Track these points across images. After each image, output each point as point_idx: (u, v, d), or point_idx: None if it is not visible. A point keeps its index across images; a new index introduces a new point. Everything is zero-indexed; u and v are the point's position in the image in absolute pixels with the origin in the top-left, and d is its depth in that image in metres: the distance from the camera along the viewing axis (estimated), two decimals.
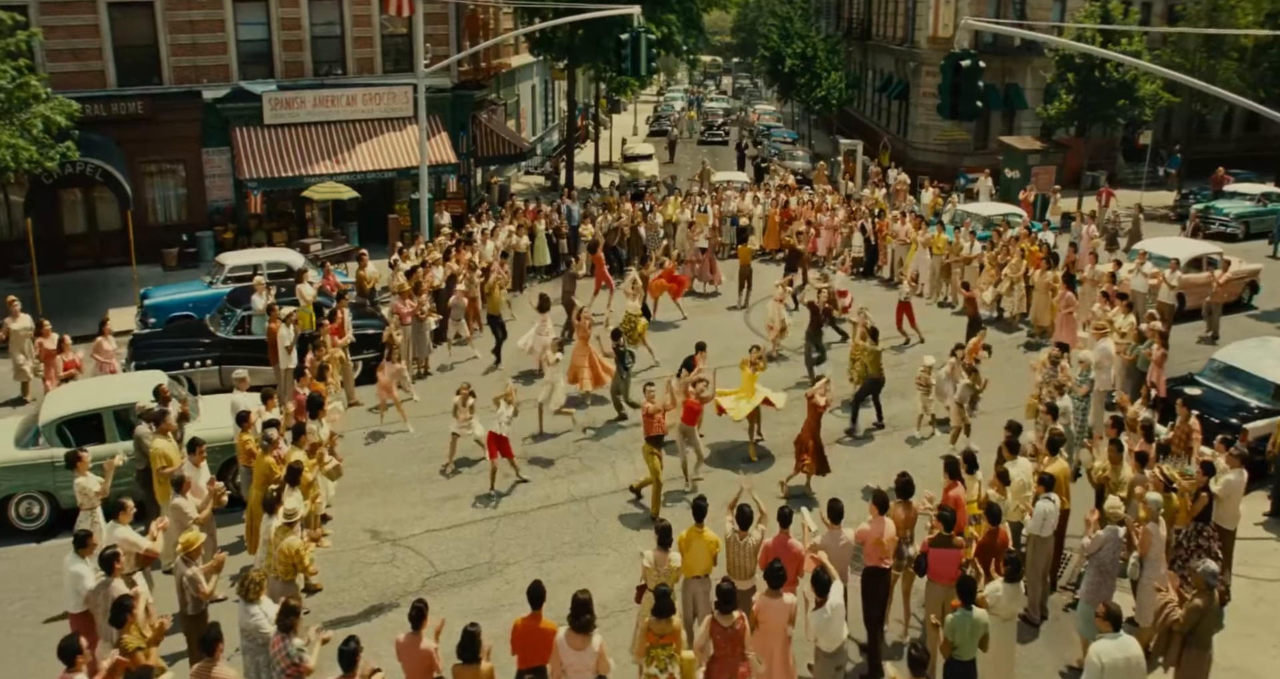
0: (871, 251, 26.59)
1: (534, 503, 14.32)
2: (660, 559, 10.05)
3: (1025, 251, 22.91)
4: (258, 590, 9.23)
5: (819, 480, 14.57)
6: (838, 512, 10.40)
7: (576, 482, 14.94)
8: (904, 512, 10.97)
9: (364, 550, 13.03)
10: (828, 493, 12.68)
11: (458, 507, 14.19)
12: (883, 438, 16.57)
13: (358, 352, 18.55)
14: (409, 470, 15.27)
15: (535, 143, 44.39)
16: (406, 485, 14.81)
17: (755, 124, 53.96)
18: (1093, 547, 10.64)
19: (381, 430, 16.61)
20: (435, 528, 13.58)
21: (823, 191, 30.40)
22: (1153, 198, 38.37)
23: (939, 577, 10.30)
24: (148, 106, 26.59)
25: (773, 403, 15.59)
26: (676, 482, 14.64)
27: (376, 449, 16.05)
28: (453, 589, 12.18)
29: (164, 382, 13.72)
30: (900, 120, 45.45)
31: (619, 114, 62.57)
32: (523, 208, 27.20)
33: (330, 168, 27.53)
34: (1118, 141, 43.64)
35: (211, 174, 28.13)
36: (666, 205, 28.10)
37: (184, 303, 20.52)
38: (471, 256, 21.93)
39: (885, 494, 10.78)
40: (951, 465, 11.52)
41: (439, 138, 29.25)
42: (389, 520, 13.77)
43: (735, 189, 29.62)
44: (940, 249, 24.61)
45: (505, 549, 13.08)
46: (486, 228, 24.58)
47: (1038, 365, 16.16)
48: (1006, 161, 35.96)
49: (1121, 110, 35.83)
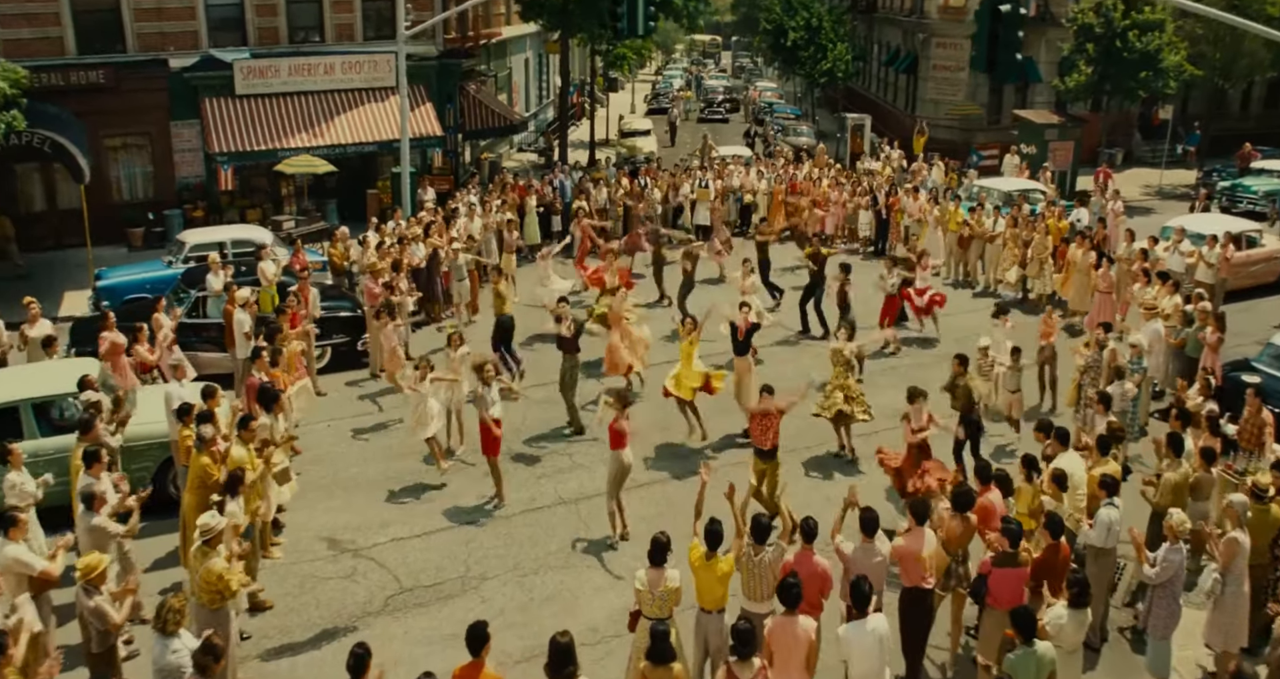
0: (882, 228, 24.89)
1: (517, 506, 12.68)
2: (655, 579, 8.42)
3: (1050, 228, 21.24)
4: (177, 621, 7.62)
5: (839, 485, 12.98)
6: (872, 522, 8.77)
7: (565, 481, 13.29)
8: (960, 525, 9.34)
9: (319, 563, 11.39)
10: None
11: (430, 511, 12.56)
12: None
13: (327, 336, 16.92)
14: (376, 469, 13.63)
15: (529, 119, 42.62)
16: (373, 486, 13.17)
17: (757, 101, 52.09)
18: (1163, 574, 9.04)
19: (358, 426, 14.96)
20: (402, 536, 11.94)
21: (827, 167, 28.65)
22: (1171, 176, 36.76)
23: (1002, 602, 8.68)
24: (110, 76, 24.80)
25: (712, 388, 14.06)
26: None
27: (341, 444, 14.40)
28: (419, 609, 10.55)
29: (93, 371, 12.02)
30: (908, 95, 43.69)
31: (616, 93, 60.70)
32: (512, 183, 25.48)
33: (307, 141, 25.77)
34: (1134, 117, 42.01)
35: (180, 148, 26.35)
36: (663, 181, 26.38)
37: (140, 284, 18.83)
38: (452, 232, 20.26)
39: (925, 502, 9.16)
40: (986, 469, 9.87)
41: (423, 109, 27.50)
42: (350, 527, 12.13)
43: (740, 164, 27.90)
44: (955, 226, 22.97)
45: (482, 561, 11.45)
46: (472, 202, 22.86)
47: (1080, 349, 14.54)
48: (1022, 136, 34.20)
49: (1144, 82, 34.06)
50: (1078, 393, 14.25)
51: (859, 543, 8.77)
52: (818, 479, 13.40)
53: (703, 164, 29.94)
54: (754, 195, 26.67)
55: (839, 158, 35.90)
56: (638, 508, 12.48)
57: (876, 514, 8.88)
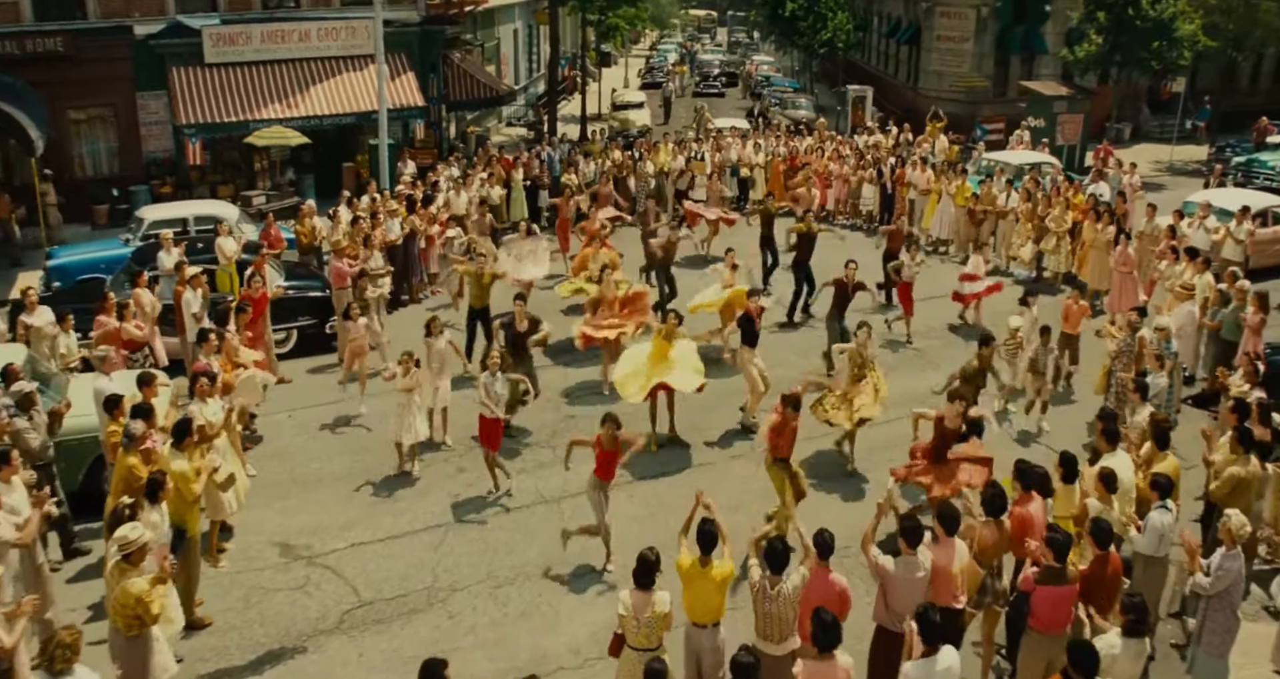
0: (887, 202, 23.59)
1: (493, 506, 11.47)
2: (641, 603, 7.23)
3: (1069, 203, 19.98)
4: (67, 658, 6.43)
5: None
6: (916, 532, 7.56)
7: (546, 478, 12.06)
8: (993, 533, 8.14)
9: (268, 572, 10.18)
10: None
11: (397, 511, 11.34)
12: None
13: (292, 318, 15.69)
14: (340, 464, 12.40)
15: (518, 91, 41.16)
16: (335, 484, 11.94)
17: (754, 75, 50.59)
18: (1219, 584, 7.88)
19: (322, 417, 13.71)
20: (364, 540, 10.73)
21: (829, 140, 27.30)
22: (1181, 152, 35.51)
23: (1049, 625, 7.50)
24: (69, 43, 23.32)
25: (669, 385, 12.43)
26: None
27: (302, 436, 13.16)
28: (378, 627, 9.35)
29: (18, 359, 10.74)
30: (910, 67, 42.27)
31: (609, 68, 59.16)
32: (497, 156, 24.13)
33: (280, 112, 24.39)
34: (1142, 91, 40.71)
35: (147, 121, 24.94)
36: (658, 152, 25.06)
37: (93, 264, 17.54)
38: (432, 209, 18.98)
39: (954, 509, 7.95)
40: (1026, 473, 8.66)
41: (404, 79, 26.11)
42: (306, 530, 10.91)
43: (737, 136, 26.57)
44: (963, 200, 21.70)
45: (453, 569, 10.24)
46: (454, 175, 21.54)
47: (1110, 332, 13.34)
48: (1030, 109, 32.84)
49: (1157, 53, 32.77)
50: (1107, 380, 13.06)
51: (901, 555, 7.56)
52: (827, 484, 12.19)
53: (698, 136, 28.58)
54: (751, 169, 25.34)
55: (839, 131, 34.51)
56: (626, 507, 11.30)
57: (920, 522, 7.68)
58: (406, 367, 11.64)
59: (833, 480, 12.05)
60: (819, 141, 26.97)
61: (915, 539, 7.52)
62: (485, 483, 11.81)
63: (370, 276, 15.58)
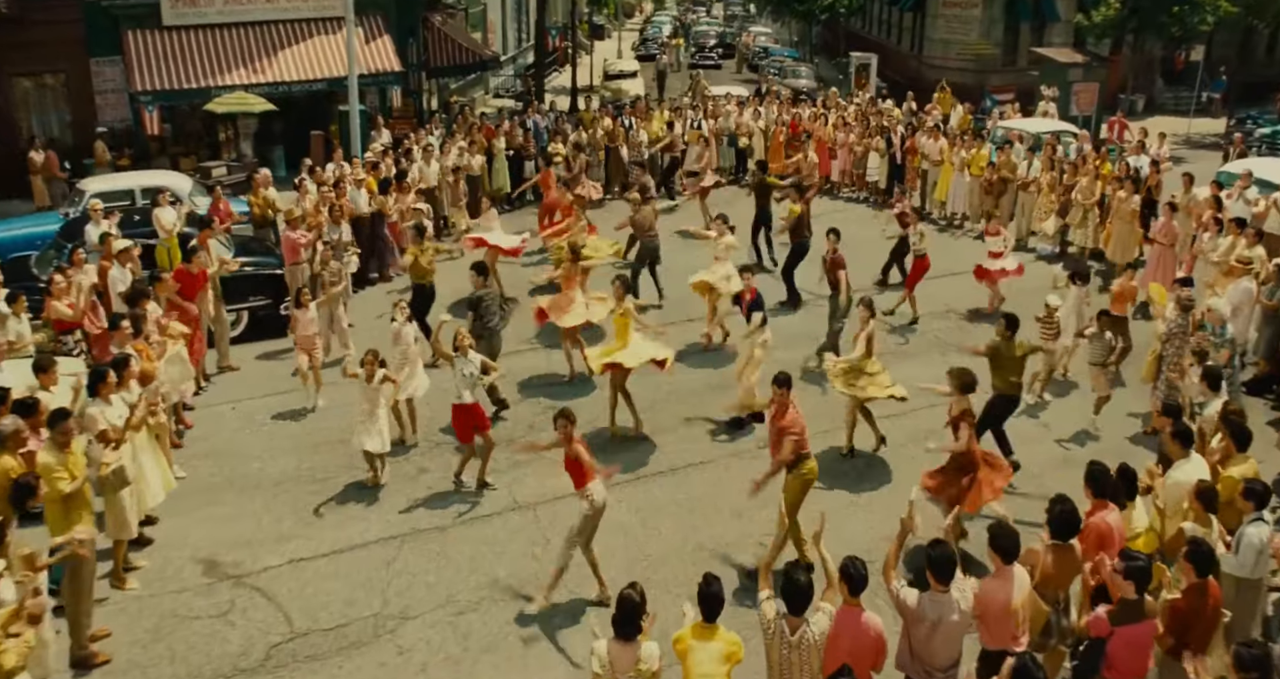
0: (896, 172, 21.96)
1: (457, 513, 9.91)
2: (622, 658, 5.67)
3: (1098, 173, 18.38)
4: None
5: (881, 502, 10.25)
6: (947, 562, 6.01)
7: (521, 479, 10.49)
8: (1059, 560, 6.62)
9: (187, 595, 8.62)
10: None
11: (345, 520, 9.77)
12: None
13: (243, 298, 14.10)
14: (284, 464, 10.82)
15: (507, 62, 39.40)
16: (277, 487, 10.37)
17: (751, 46, 48.76)
18: None
19: (271, 409, 12.14)
20: (304, 556, 9.17)
21: (836, 107, 25.62)
22: (1198, 126, 33.93)
23: (1127, 675, 5.99)
24: (13, 5, 21.53)
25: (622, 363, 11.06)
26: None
27: (245, 432, 11.58)
28: (311, 665, 7.80)
29: None
30: (915, 35, 40.53)
31: (603, 41, 57.27)
32: (478, 123, 22.44)
33: (245, 78, 22.67)
34: (1156, 62, 39.09)
35: (102, 89, 23.21)
36: (651, 121, 23.39)
37: (28, 240, 15.86)
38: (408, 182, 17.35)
39: (1011, 530, 6.40)
40: (1100, 477, 7.10)
41: (380, 42, 24.37)
42: (238, 543, 9.35)
43: (734, 103, 24.90)
44: (980, 170, 20.10)
45: (405, 591, 8.70)
46: (430, 144, 19.87)
47: (1161, 312, 11.79)
48: (1044, 76, 31.15)
49: (1178, 18, 31.10)
50: (1157, 366, 11.52)
51: (928, 591, 6.02)
52: (840, 484, 10.63)
53: (694, 103, 26.88)
54: (750, 137, 23.67)
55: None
56: (612, 513, 9.72)
57: (951, 549, 6.14)
58: (370, 370, 10.00)
59: (846, 479, 10.49)
60: (825, 107, 25.25)
61: (945, 573, 5.97)
62: (449, 485, 10.28)
63: (332, 250, 13.98)
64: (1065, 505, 6.63)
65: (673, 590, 8.48)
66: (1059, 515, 6.59)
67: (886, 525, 9.46)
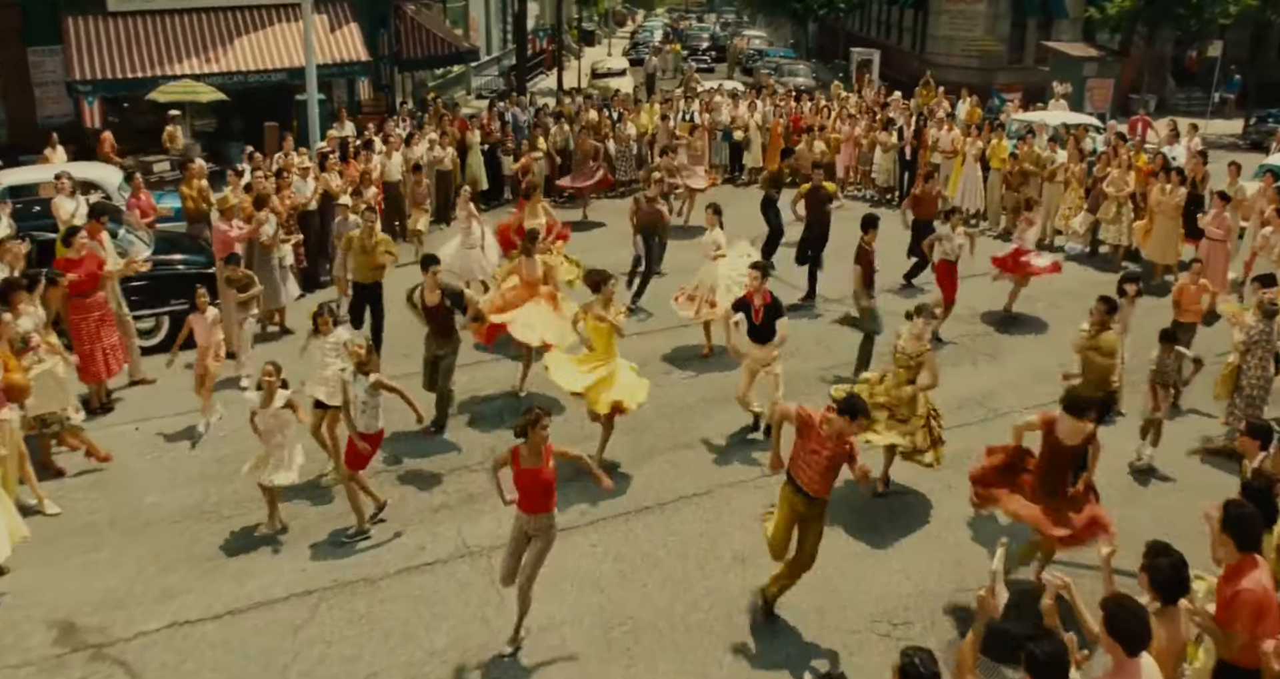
0: (906, 167, 20.12)
1: (395, 559, 7.97)
2: None
3: (1131, 163, 16.60)
4: None
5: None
6: (1055, 667, 4.09)
7: (474, 518, 8.54)
8: (1170, 634, 4.73)
9: (26, 673, 6.65)
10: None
11: (248, 570, 7.81)
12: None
13: (162, 301, 12.18)
14: (185, 498, 8.85)
15: (490, 62, 37.67)
16: (170, 527, 8.39)
17: (744, 49, 47.06)
18: None
19: (180, 429, 10.20)
20: (190, 617, 7.19)
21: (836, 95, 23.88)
22: (1214, 127, 32.33)
23: None
24: None
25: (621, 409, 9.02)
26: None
27: (144, 459, 9.59)
28: None
29: None
30: (916, 34, 38.98)
31: (592, 46, 55.66)
32: (449, 114, 20.58)
33: (197, 67, 20.93)
34: (1167, 61, 37.54)
35: (41, 80, 21.51)
36: (639, 113, 21.57)
37: None
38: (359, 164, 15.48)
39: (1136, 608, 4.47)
40: (1245, 520, 5.19)
41: (346, 30, 22.58)
42: (109, 601, 7.36)
43: (726, 95, 23.12)
44: (1001, 162, 18.30)
45: (315, 668, 6.73)
46: (395, 136, 17.98)
47: (1238, 317, 9.93)
48: (1055, 71, 29.53)
49: (1196, 10, 29.46)
50: (1235, 380, 9.66)
51: None
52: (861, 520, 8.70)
53: (686, 94, 25.06)
54: (746, 131, 21.86)
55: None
56: (586, 564, 7.84)
57: (1062, 644, 4.22)
58: (271, 388, 8.05)
59: (874, 518, 8.58)
60: (827, 103, 23.46)
61: (1136, 641, 4.14)
62: (388, 525, 8.36)
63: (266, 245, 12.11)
64: (1170, 557, 4.74)
65: (661, 668, 6.58)
66: (1166, 571, 4.70)
67: (926, 577, 7.60)
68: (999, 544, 4.99)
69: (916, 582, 7.56)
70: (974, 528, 8.30)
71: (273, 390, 7.96)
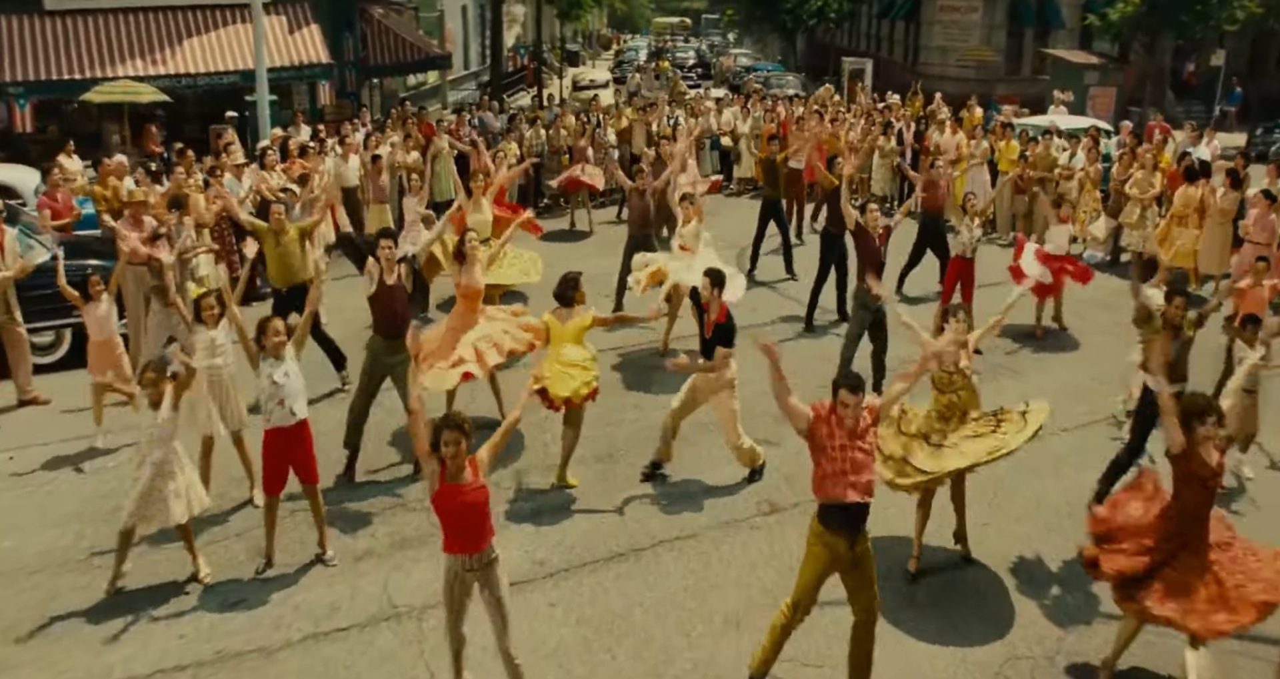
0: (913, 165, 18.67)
1: (296, 623, 6.32)
2: None
3: (1156, 164, 15.22)
4: None
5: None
6: None
7: (403, 567, 6.91)
8: None
9: None
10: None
11: (104, 638, 6.13)
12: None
13: (64, 311, 10.52)
14: (51, 539, 7.16)
15: (468, 77, 36.30)
16: (28, 578, 6.73)
17: (732, 67, 45.88)
18: None
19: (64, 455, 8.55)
20: None
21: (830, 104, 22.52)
22: (1218, 139, 31.29)
23: None
24: None
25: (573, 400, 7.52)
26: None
27: (13, 492, 7.93)
28: None
29: None
30: (908, 45, 37.92)
31: (577, 67, 54.61)
32: (414, 118, 19.05)
33: (141, 70, 19.36)
34: (1166, 73, 36.58)
35: None
36: (620, 118, 20.13)
37: None
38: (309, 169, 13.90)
39: None
40: None
41: (306, 32, 21.08)
42: None
43: (713, 101, 21.75)
44: (1011, 164, 16.89)
45: None
46: (352, 137, 16.42)
47: None
48: (1056, 79, 28.33)
49: (1201, 16, 28.36)
50: None
51: None
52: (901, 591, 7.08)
53: (671, 99, 23.67)
54: (735, 139, 20.41)
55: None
56: (544, 628, 6.22)
57: None
58: (157, 393, 6.42)
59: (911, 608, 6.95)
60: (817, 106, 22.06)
61: None
62: (286, 571, 6.74)
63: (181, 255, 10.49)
64: None
65: None
66: None
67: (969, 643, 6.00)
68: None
69: (958, 649, 5.97)
70: (1018, 575, 6.72)
71: (159, 394, 6.35)
